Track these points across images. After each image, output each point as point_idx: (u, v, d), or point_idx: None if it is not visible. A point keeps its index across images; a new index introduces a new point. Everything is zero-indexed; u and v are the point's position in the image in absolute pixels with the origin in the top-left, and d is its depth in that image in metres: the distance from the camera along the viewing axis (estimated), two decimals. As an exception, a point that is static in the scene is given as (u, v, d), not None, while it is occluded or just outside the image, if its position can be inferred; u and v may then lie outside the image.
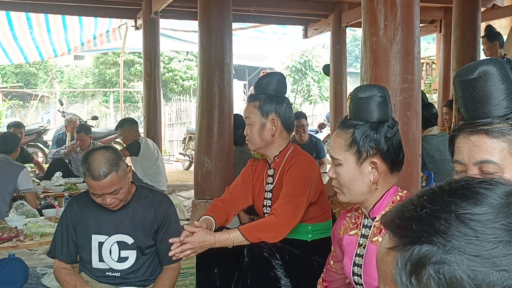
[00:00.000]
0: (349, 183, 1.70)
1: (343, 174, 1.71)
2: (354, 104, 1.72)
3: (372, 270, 1.67)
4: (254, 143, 2.55)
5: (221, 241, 2.23)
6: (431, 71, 12.83)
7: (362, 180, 1.69)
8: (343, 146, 1.71)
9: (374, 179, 1.68)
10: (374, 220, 1.72)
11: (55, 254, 2.56)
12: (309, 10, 7.82)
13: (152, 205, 2.52)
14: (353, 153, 1.69)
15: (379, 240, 1.66)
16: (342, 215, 1.91)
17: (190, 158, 11.30)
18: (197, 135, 4.95)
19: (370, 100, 1.69)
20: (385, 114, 1.70)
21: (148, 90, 7.38)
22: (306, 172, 2.43)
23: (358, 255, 1.75)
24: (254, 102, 2.53)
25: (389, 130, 1.69)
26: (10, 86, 20.57)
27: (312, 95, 19.87)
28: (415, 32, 2.49)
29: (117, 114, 17.27)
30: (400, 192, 1.72)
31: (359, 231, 1.78)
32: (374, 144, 1.68)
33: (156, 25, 7.33)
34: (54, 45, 9.60)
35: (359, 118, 1.71)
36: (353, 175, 1.70)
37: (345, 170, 1.71)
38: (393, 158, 1.71)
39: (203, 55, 4.83)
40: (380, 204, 1.71)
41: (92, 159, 2.29)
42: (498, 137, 1.25)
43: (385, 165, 1.69)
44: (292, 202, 2.35)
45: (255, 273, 2.21)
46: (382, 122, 1.70)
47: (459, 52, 5.56)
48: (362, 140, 1.68)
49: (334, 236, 1.92)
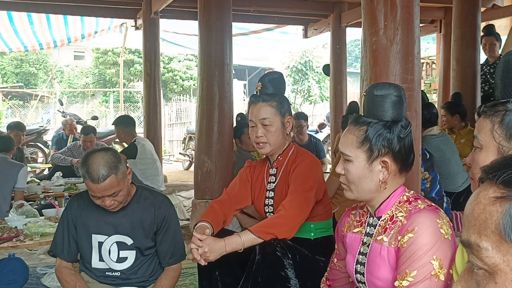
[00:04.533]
0: (358, 180, 1.68)
1: (352, 171, 1.69)
2: (369, 101, 1.70)
3: (376, 269, 1.66)
4: (273, 144, 2.50)
5: (231, 244, 2.22)
6: (431, 71, 12.83)
7: (371, 178, 1.67)
8: (354, 142, 1.68)
9: (383, 178, 1.67)
10: (379, 219, 1.71)
11: (56, 252, 2.56)
12: (309, 10, 7.81)
13: (151, 206, 2.51)
14: (365, 151, 1.67)
15: (384, 240, 1.65)
16: (347, 212, 1.90)
17: (190, 158, 11.30)
18: (197, 135, 4.94)
19: (386, 99, 1.67)
20: (399, 113, 1.68)
21: (148, 90, 7.38)
22: (312, 169, 2.45)
23: (362, 253, 1.74)
24: (270, 102, 2.48)
25: (402, 130, 1.68)
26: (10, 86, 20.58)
27: (312, 95, 19.88)
28: (415, 32, 2.49)
29: (117, 114, 17.25)
30: (407, 192, 1.71)
31: (363, 229, 1.77)
32: (386, 143, 1.66)
33: (156, 25, 7.33)
34: (54, 36, 9.58)
35: (373, 116, 1.68)
36: (362, 173, 1.67)
37: (354, 167, 1.68)
38: (404, 158, 1.69)
39: (203, 55, 4.83)
40: (386, 204, 1.70)
41: (92, 162, 2.28)
42: (489, 116, 1.41)
43: (395, 165, 1.68)
44: (301, 197, 2.36)
45: (266, 272, 2.20)
46: (396, 122, 1.67)
47: (459, 52, 5.56)
48: (375, 138, 1.65)
49: (338, 233, 1.91)
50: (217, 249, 2.19)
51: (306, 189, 2.39)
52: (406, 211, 1.64)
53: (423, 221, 1.55)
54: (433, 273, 1.50)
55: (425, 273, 1.51)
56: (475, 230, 0.77)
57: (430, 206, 1.63)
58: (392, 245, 1.62)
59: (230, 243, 2.21)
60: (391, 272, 1.62)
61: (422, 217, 1.57)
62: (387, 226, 1.66)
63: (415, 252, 1.53)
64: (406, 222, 1.60)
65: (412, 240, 1.54)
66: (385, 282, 1.64)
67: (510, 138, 1.37)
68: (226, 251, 2.21)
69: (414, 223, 1.57)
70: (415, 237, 1.54)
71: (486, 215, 0.76)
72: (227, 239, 2.22)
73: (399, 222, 1.63)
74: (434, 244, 1.51)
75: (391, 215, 1.67)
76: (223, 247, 2.20)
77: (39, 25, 8.70)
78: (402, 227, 1.60)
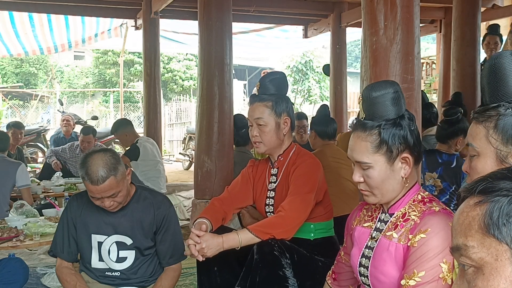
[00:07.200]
0: (381, 183, 1.67)
1: (375, 176, 1.66)
2: (368, 104, 1.68)
3: (381, 263, 1.67)
4: (267, 143, 2.51)
5: (229, 241, 2.23)
6: (431, 71, 12.83)
7: (394, 177, 1.67)
8: (370, 148, 1.66)
9: (406, 174, 1.67)
10: (392, 216, 1.71)
11: (56, 252, 2.56)
12: (309, 10, 7.81)
13: (151, 206, 2.51)
14: (383, 153, 1.65)
15: (393, 236, 1.65)
16: (359, 206, 1.90)
17: (190, 158, 11.30)
18: (197, 135, 4.94)
19: (385, 98, 1.65)
20: (400, 108, 1.68)
21: (148, 90, 7.38)
22: (312, 171, 2.45)
23: (369, 247, 1.74)
24: (265, 102, 2.49)
25: (410, 123, 1.68)
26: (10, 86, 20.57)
27: (312, 95, 19.88)
28: (415, 32, 2.49)
29: (117, 114, 17.27)
30: (422, 192, 1.71)
31: (374, 224, 1.77)
32: (403, 140, 1.65)
33: (156, 25, 7.33)
34: (56, 41, 9.58)
35: (376, 117, 1.66)
36: (385, 175, 1.66)
37: (376, 172, 1.66)
38: (418, 149, 1.70)
39: (203, 55, 4.83)
40: (401, 202, 1.70)
41: (91, 163, 2.28)
42: (482, 122, 1.40)
43: (413, 158, 1.68)
44: (301, 198, 2.36)
45: (264, 271, 2.21)
46: (402, 117, 1.68)
47: (459, 52, 5.55)
48: (391, 139, 1.64)
49: (348, 226, 1.91)
50: (214, 245, 2.20)
51: (306, 190, 2.39)
52: (420, 211, 1.63)
53: (436, 223, 1.55)
54: (441, 276, 1.50)
55: (433, 275, 1.51)
56: (462, 234, 0.89)
57: (445, 210, 1.62)
58: (402, 242, 1.62)
59: (227, 240, 2.23)
60: (396, 268, 1.63)
61: (436, 219, 1.56)
62: (398, 223, 1.67)
63: (426, 253, 1.53)
64: (420, 222, 1.59)
65: (424, 241, 1.54)
66: (388, 277, 1.64)
67: (507, 142, 1.36)
68: (224, 248, 2.23)
69: (428, 224, 1.56)
70: (427, 238, 1.54)
71: (469, 219, 0.89)
72: (225, 236, 2.24)
73: (412, 220, 1.63)
74: (445, 248, 1.50)
75: (403, 212, 1.68)
76: (221, 244, 2.21)
77: (40, 27, 8.71)
78: (414, 226, 1.60)
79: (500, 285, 0.83)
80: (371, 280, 1.71)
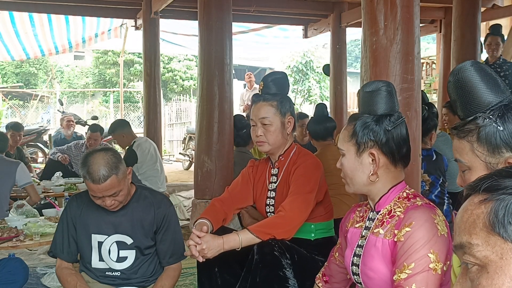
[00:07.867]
0: (351, 173, 1.76)
1: (346, 164, 1.77)
2: (362, 99, 1.78)
3: (370, 260, 1.70)
4: (272, 143, 2.51)
5: (229, 242, 2.23)
6: (431, 71, 12.84)
7: (362, 171, 1.74)
8: (346, 137, 1.77)
9: (373, 170, 1.72)
10: (378, 213, 1.75)
11: (56, 252, 2.55)
12: (309, 10, 7.82)
13: (151, 206, 2.51)
14: (353, 144, 1.75)
15: (380, 232, 1.69)
16: (353, 208, 1.94)
17: (190, 158, 11.29)
18: (197, 135, 4.94)
19: (375, 94, 1.73)
20: (390, 107, 1.74)
21: (148, 90, 7.38)
22: (313, 171, 2.46)
23: (359, 245, 1.78)
24: (270, 102, 2.49)
25: (390, 123, 1.72)
26: (10, 86, 20.56)
27: (312, 95, 19.88)
28: (415, 32, 2.49)
29: (117, 114, 17.27)
30: (407, 190, 1.75)
31: (364, 224, 1.81)
32: (372, 136, 1.72)
33: (156, 25, 7.33)
34: (56, 42, 9.58)
35: (366, 112, 1.76)
36: (353, 166, 1.75)
37: (347, 160, 1.77)
38: (394, 151, 1.73)
39: (203, 55, 4.83)
40: (385, 198, 1.74)
41: (92, 162, 2.28)
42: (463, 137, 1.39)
43: (385, 157, 1.73)
44: (301, 199, 2.36)
45: (264, 272, 2.21)
46: (385, 115, 1.73)
47: (459, 52, 5.56)
48: (361, 132, 1.73)
49: (342, 228, 1.95)
50: (215, 246, 2.20)
51: (307, 190, 2.39)
52: (404, 207, 1.68)
53: (420, 216, 1.60)
54: (432, 266, 1.53)
55: (423, 265, 1.54)
56: (466, 232, 0.89)
57: (428, 204, 1.67)
58: (388, 238, 1.66)
59: (228, 241, 2.23)
60: (383, 264, 1.66)
61: (419, 212, 1.61)
62: (384, 219, 1.71)
63: (413, 245, 1.56)
64: (404, 217, 1.64)
65: (409, 234, 1.58)
66: (377, 273, 1.68)
67: (493, 152, 1.35)
68: (224, 248, 2.22)
69: (412, 217, 1.61)
70: (412, 231, 1.58)
71: (474, 217, 0.88)
72: (226, 237, 2.24)
73: (397, 216, 1.67)
74: (431, 238, 1.55)
75: (389, 209, 1.72)
76: (221, 244, 2.21)
77: (40, 27, 8.71)
78: (399, 221, 1.64)
79: (505, 284, 0.83)
80: (361, 277, 1.74)
